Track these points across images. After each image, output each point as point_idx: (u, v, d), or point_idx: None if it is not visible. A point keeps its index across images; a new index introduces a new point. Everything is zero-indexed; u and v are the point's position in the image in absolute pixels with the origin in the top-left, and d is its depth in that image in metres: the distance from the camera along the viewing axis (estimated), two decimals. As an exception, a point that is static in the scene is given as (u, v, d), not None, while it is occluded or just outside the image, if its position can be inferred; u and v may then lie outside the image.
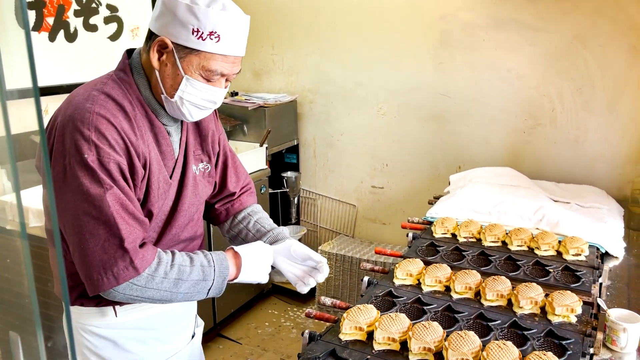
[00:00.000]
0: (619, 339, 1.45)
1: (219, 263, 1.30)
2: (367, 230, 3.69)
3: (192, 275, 1.26)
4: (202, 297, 1.31)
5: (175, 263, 1.25)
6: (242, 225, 1.54)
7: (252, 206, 1.59)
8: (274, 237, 1.50)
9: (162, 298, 1.24)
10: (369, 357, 1.37)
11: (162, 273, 1.22)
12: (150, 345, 1.43)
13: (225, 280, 1.31)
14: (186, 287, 1.25)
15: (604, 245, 2.04)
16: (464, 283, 1.68)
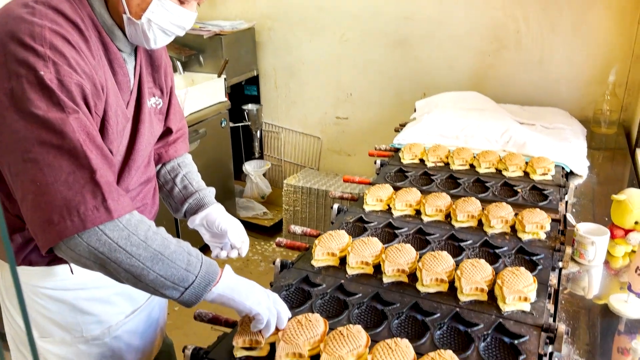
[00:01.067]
0: (587, 252, 1.47)
1: (207, 262, 1.06)
2: (332, 163, 3.64)
3: (176, 256, 1.01)
4: (172, 296, 1.02)
5: (160, 232, 1.03)
6: (170, 177, 1.40)
7: (184, 156, 1.45)
8: (199, 201, 1.36)
9: (129, 269, 0.97)
10: (342, 281, 1.34)
11: (142, 235, 0.99)
12: (114, 304, 1.27)
13: (209, 285, 1.03)
14: (163, 269, 0.99)
15: (568, 164, 2.06)
16: (434, 206, 1.66)
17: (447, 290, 1.30)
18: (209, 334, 2.76)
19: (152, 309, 1.40)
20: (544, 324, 1.16)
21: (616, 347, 1.22)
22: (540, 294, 1.26)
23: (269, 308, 1.07)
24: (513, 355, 1.10)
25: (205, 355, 1.11)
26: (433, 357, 1.02)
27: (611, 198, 1.53)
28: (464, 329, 1.18)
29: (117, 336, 1.29)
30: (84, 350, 1.25)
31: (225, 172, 3.37)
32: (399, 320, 1.22)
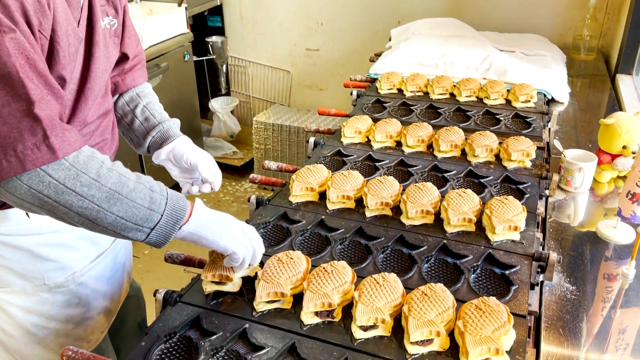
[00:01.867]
0: (573, 179, 1.43)
1: (174, 197, 0.93)
2: (303, 98, 3.50)
3: (136, 194, 0.88)
4: (137, 238, 0.91)
5: (115, 168, 0.89)
6: (129, 108, 1.26)
7: (143, 85, 1.30)
8: (163, 134, 1.23)
9: (82, 212, 0.86)
10: (323, 217, 1.26)
11: (93, 173, 0.86)
12: (76, 249, 1.17)
13: (177, 224, 0.92)
14: (122, 209, 0.87)
15: (550, 91, 1.99)
16: (416, 136, 1.58)
17: (433, 222, 1.24)
18: (181, 277, 2.69)
19: (118, 252, 1.31)
20: (534, 253, 1.12)
21: (602, 273, 1.19)
22: (529, 223, 1.21)
23: (245, 246, 0.98)
24: (504, 285, 1.05)
25: (179, 299, 1.03)
26: (424, 290, 0.96)
27: (599, 122, 1.47)
28: (452, 261, 1.12)
29: (82, 282, 1.19)
30: (47, 298, 1.15)
31: (190, 110, 3.19)
32: (384, 255, 1.15)
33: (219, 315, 0.99)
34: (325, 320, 0.97)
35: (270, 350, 0.91)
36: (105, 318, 1.28)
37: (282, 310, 0.99)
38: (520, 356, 0.88)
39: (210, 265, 1.02)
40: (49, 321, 1.17)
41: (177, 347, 0.93)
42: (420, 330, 0.89)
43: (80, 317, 1.21)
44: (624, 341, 1.05)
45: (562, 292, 1.11)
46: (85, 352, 0.92)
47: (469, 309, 0.92)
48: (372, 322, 0.93)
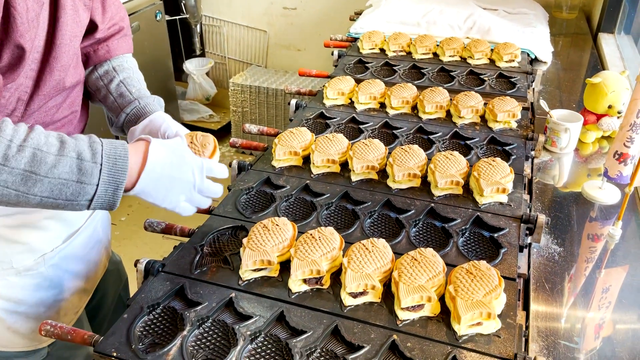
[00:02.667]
0: (559, 139, 1.41)
1: (112, 158, 0.84)
2: (281, 59, 3.41)
3: (58, 170, 0.79)
4: (80, 210, 0.84)
5: (28, 144, 0.78)
6: (102, 83, 1.12)
7: (122, 58, 1.16)
8: (139, 110, 1.10)
9: (0, 199, 0.78)
10: (308, 182, 1.23)
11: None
12: (46, 229, 1.10)
13: (119, 189, 0.84)
14: (45, 189, 0.79)
15: (533, 50, 1.96)
16: (400, 97, 1.54)
17: (419, 185, 1.22)
18: (161, 243, 2.64)
19: (94, 229, 1.24)
20: (522, 215, 1.11)
21: (587, 233, 1.20)
22: (516, 185, 1.20)
23: (184, 209, 0.97)
24: (493, 248, 1.04)
25: (161, 269, 0.99)
26: (414, 255, 0.94)
27: (586, 82, 1.45)
28: (440, 225, 1.11)
29: (54, 264, 1.13)
30: (15, 282, 1.08)
31: (164, 72, 3.08)
32: (371, 220, 1.13)
33: (204, 285, 0.95)
34: (314, 288, 0.95)
35: (258, 320, 0.88)
36: (79, 298, 1.22)
37: (269, 279, 0.97)
38: (511, 319, 0.87)
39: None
40: (18, 305, 1.10)
41: (161, 318, 0.90)
42: (411, 296, 0.87)
43: (52, 299, 1.15)
44: (606, 300, 1.06)
45: (549, 254, 1.11)
46: (64, 326, 0.89)
47: (460, 274, 0.91)
48: (361, 288, 0.91)
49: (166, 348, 0.83)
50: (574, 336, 0.93)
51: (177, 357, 0.82)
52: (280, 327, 0.88)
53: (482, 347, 0.83)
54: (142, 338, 0.86)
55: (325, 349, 0.84)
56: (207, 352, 0.84)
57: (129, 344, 0.84)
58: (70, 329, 0.88)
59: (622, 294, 1.04)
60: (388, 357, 0.83)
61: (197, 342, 0.85)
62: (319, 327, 0.87)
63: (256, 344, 0.85)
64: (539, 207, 1.25)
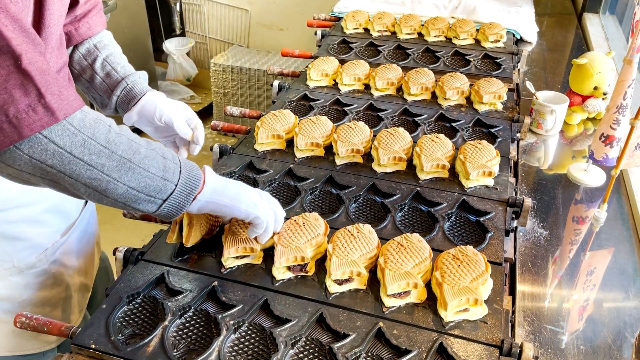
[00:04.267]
0: (545, 121, 1.40)
1: (187, 166, 0.84)
2: (263, 38, 3.34)
3: (148, 162, 0.78)
4: (147, 210, 0.81)
5: (124, 133, 0.78)
6: (86, 63, 1.08)
7: (101, 35, 1.11)
8: (129, 91, 1.07)
9: (90, 183, 0.75)
10: (291, 166, 1.20)
11: (102, 139, 0.75)
12: (45, 223, 1.07)
13: (192, 193, 0.82)
14: (134, 179, 0.77)
15: (519, 30, 1.94)
16: (385, 79, 1.51)
17: (405, 169, 1.20)
18: (142, 228, 2.60)
19: (88, 222, 1.20)
20: (509, 199, 1.10)
21: (572, 216, 1.19)
22: (502, 168, 1.19)
23: (266, 210, 0.90)
24: (479, 232, 1.03)
25: (141, 257, 0.96)
26: (399, 241, 0.93)
27: (572, 62, 1.44)
28: (426, 209, 1.09)
29: (55, 260, 1.09)
30: (18, 282, 1.05)
31: (143, 52, 3.00)
32: (356, 204, 1.11)
33: (186, 273, 0.93)
34: (298, 275, 0.93)
35: (241, 309, 0.86)
36: (82, 295, 1.19)
37: (252, 266, 0.95)
38: (498, 305, 0.87)
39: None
40: (22, 307, 1.07)
41: (142, 308, 0.88)
42: (397, 282, 0.86)
43: (57, 297, 1.12)
44: (591, 282, 1.06)
45: (535, 238, 1.10)
46: (40, 318, 0.86)
47: (447, 259, 0.90)
48: (347, 275, 0.89)
49: (147, 339, 0.81)
50: (559, 320, 0.93)
51: (158, 348, 0.80)
52: (264, 316, 0.86)
53: (468, 333, 0.82)
54: (122, 329, 0.84)
55: (310, 338, 0.82)
56: (190, 343, 0.82)
57: (108, 335, 0.81)
58: (47, 320, 0.85)
59: (607, 276, 1.04)
60: (374, 344, 0.82)
61: (179, 332, 0.83)
62: (303, 316, 0.85)
63: (239, 333, 0.83)
64: (525, 189, 1.24)
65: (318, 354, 0.80)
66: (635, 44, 1.07)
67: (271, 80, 1.53)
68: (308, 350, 0.80)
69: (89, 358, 0.80)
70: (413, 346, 0.80)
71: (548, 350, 0.88)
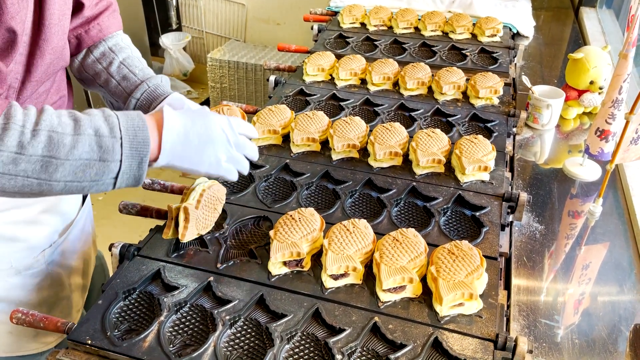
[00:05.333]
0: (541, 116, 1.40)
1: (131, 130, 0.77)
2: (260, 33, 3.33)
3: (78, 150, 0.73)
4: (105, 190, 0.79)
5: (42, 127, 0.72)
6: (101, 66, 1.03)
7: (116, 36, 1.07)
8: (150, 93, 1.01)
9: (22, 190, 0.72)
10: (287, 161, 1.20)
11: (13, 146, 0.70)
12: (43, 224, 1.05)
13: (143, 162, 0.78)
14: (67, 173, 0.73)
15: (515, 24, 1.94)
16: (381, 73, 1.51)
17: (401, 163, 1.20)
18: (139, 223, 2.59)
19: (85, 221, 1.20)
20: (504, 194, 1.10)
21: (567, 210, 1.20)
22: (497, 163, 1.19)
23: (227, 169, 0.88)
24: (475, 227, 1.04)
25: (137, 253, 0.97)
26: (395, 236, 0.93)
27: (568, 57, 1.44)
28: (422, 204, 1.09)
29: (53, 261, 1.09)
30: (16, 283, 1.04)
31: (139, 47, 2.96)
32: (352, 199, 1.11)
33: (182, 269, 0.93)
34: (294, 270, 0.93)
35: (237, 304, 0.86)
36: (80, 295, 1.19)
37: (248, 262, 0.95)
38: (493, 299, 0.87)
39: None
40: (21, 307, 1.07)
41: (138, 304, 0.88)
42: (392, 277, 0.86)
43: (54, 298, 1.11)
44: (586, 276, 1.06)
45: (531, 232, 1.10)
46: (36, 314, 0.86)
47: (442, 254, 0.90)
48: (342, 270, 0.90)
49: (143, 334, 0.81)
50: (554, 314, 0.94)
51: (154, 343, 0.80)
52: (260, 311, 0.86)
53: (464, 327, 0.83)
54: (118, 324, 0.84)
55: (306, 333, 0.82)
56: (185, 338, 0.82)
57: (104, 331, 0.82)
58: (43, 316, 0.86)
59: (602, 270, 1.04)
60: (370, 339, 0.82)
61: (175, 327, 0.83)
62: (299, 311, 0.85)
63: (235, 328, 0.83)
64: (520, 184, 1.24)
65: (314, 348, 0.80)
66: (631, 38, 1.07)
67: (268, 75, 1.52)
68: (304, 345, 0.81)
69: (84, 354, 0.80)
70: (408, 340, 0.80)
71: (543, 344, 0.88)
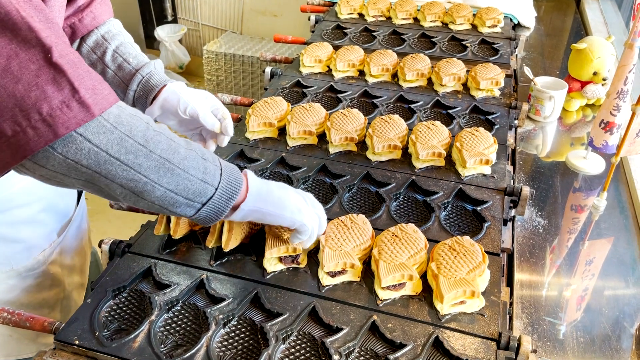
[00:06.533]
0: (543, 108, 1.37)
1: (228, 168, 0.78)
2: (256, 25, 3.29)
3: (188, 163, 0.72)
4: (184, 214, 0.76)
5: (162, 131, 0.72)
6: (96, 56, 1.00)
7: (108, 23, 1.03)
8: (145, 84, 0.98)
9: (126, 184, 0.69)
10: (284, 154, 1.17)
11: (139, 136, 0.69)
12: (42, 223, 1.03)
13: (231, 199, 0.77)
14: (173, 181, 0.71)
15: (516, 15, 1.90)
16: (380, 65, 1.48)
17: (400, 157, 1.17)
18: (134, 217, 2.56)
19: (81, 218, 1.17)
20: (507, 187, 1.07)
21: (570, 204, 1.17)
22: (499, 156, 1.16)
23: (310, 215, 0.85)
24: (476, 222, 1.01)
25: (127, 249, 0.93)
26: (394, 232, 0.90)
27: (571, 47, 1.40)
28: (422, 198, 1.06)
29: (53, 261, 1.06)
30: (16, 285, 1.01)
31: (134, 39, 2.95)
32: (350, 194, 1.08)
33: (173, 266, 0.90)
34: (290, 267, 0.90)
35: (231, 302, 0.83)
36: (78, 294, 1.16)
37: (242, 258, 0.92)
38: (495, 296, 0.84)
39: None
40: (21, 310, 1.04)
41: (128, 302, 0.85)
42: (391, 274, 0.83)
43: (54, 299, 1.09)
44: (590, 272, 1.03)
45: (533, 227, 1.08)
46: (22, 313, 0.83)
47: (443, 250, 0.87)
48: (340, 267, 0.87)
49: (133, 334, 0.78)
50: (558, 311, 0.91)
51: (144, 343, 0.77)
52: (254, 310, 0.83)
53: (465, 326, 0.80)
54: (107, 324, 0.81)
55: (302, 332, 0.79)
56: (177, 338, 0.79)
57: (92, 330, 0.79)
58: (29, 316, 0.83)
59: (606, 266, 1.02)
60: (368, 338, 0.79)
61: (166, 327, 0.81)
62: (295, 309, 0.82)
63: (229, 328, 0.80)
64: (522, 177, 1.21)
65: (310, 348, 0.77)
66: (637, 28, 1.04)
67: (264, 67, 1.49)
68: (300, 345, 0.78)
69: (72, 354, 0.77)
70: (408, 340, 0.78)
71: (547, 342, 0.85)
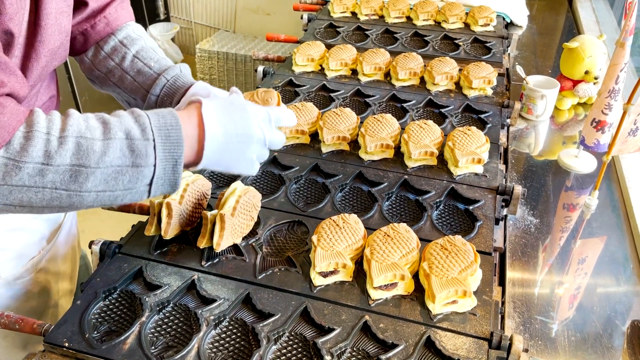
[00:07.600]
0: (535, 107, 1.37)
1: (164, 130, 0.70)
2: (249, 23, 3.28)
3: (109, 157, 0.67)
4: (140, 199, 0.73)
5: (69, 134, 0.66)
6: (113, 63, 0.94)
7: (127, 28, 0.96)
8: (171, 87, 0.91)
9: (50, 204, 0.66)
10: (276, 154, 1.17)
11: (38, 156, 0.63)
12: (31, 231, 1.01)
13: (177, 164, 0.71)
14: (99, 182, 0.67)
15: (509, 14, 1.90)
16: (372, 63, 1.47)
17: (393, 156, 1.17)
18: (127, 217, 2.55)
19: (71, 224, 1.16)
20: (499, 187, 1.07)
21: (562, 203, 1.17)
22: (491, 155, 1.16)
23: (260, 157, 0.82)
24: (468, 221, 1.01)
25: (118, 250, 0.93)
26: (386, 232, 0.90)
27: (563, 46, 1.40)
28: (414, 198, 1.06)
29: (42, 268, 1.04)
30: (4, 294, 0.99)
31: (127, 38, 2.93)
32: (342, 194, 1.08)
33: (164, 267, 0.89)
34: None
35: (222, 303, 0.83)
36: (67, 301, 1.15)
37: (233, 259, 0.91)
38: (487, 296, 0.84)
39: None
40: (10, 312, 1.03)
41: (118, 304, 0.84)
42: (383, 274, 0.83)
43: (43, 306, 1.07)
44: (582, 271, 1.04)
45: (525, 226, 1.08)
46: (11, 315, 0.82)
47: (434, 249, 0.87)
48: (332, 267, 0.86)
49: (123, 336, 0.77)
50: (550, 310, 0.91)
51: (134, 345, 0.77)
52: (246, 311, 0.83)
53: (457, 326, 0.80)
54: (97, 326, 0.80)
55: (294, 333, 0.79)
56: (168, 339, 0.79)
57: (82, 332, 0.78)
58: (19, 317, 0.82)
59: (598, 265, 1.02)
60: (360, 338, 0.79)
61: (157, 328, 0.80)
62: (287, 310, 0.82)
63: (220, 329, 0.80)
64: (514, 176, 1.22)
65: (302, 349, 0.77)
66: (628, 26, 1.04)
67: (257, 66, 1.48)
68: (292, 345, 0.78)
69: (62, 357, 0.77)
70: (400, 340, 0.77)
71: (538, 341, 0.85)
